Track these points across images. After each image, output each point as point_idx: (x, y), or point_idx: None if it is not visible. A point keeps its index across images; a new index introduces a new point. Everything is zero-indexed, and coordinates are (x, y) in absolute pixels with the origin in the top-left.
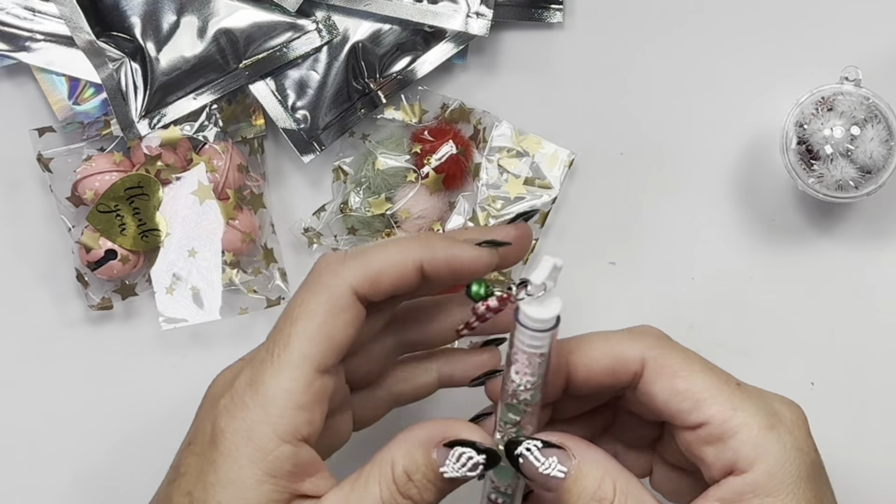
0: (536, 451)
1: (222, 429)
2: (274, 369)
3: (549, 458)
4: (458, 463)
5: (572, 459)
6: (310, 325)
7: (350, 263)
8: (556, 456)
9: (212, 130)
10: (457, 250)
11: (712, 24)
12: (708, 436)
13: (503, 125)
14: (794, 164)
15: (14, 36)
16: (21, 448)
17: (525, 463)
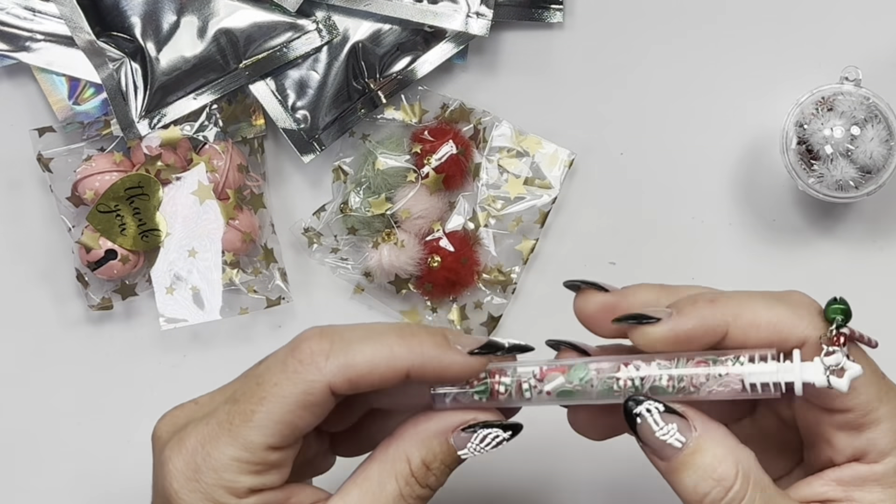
0: (657, 414)
1: (176, 491)
2: (230, 438)
3: (668, 423)
4: (483, 443)
5: (693, 431)
6: (276, 411)
7: (332, 360)
8: (677, 423)
9: (212, 130)
10: (447, 360)
11: (712, 25)
12: (846, 422)
13: (503, 125)
14: (794, 164)
15: (14, 36)
16: (21, 448)
17: (642, 424)
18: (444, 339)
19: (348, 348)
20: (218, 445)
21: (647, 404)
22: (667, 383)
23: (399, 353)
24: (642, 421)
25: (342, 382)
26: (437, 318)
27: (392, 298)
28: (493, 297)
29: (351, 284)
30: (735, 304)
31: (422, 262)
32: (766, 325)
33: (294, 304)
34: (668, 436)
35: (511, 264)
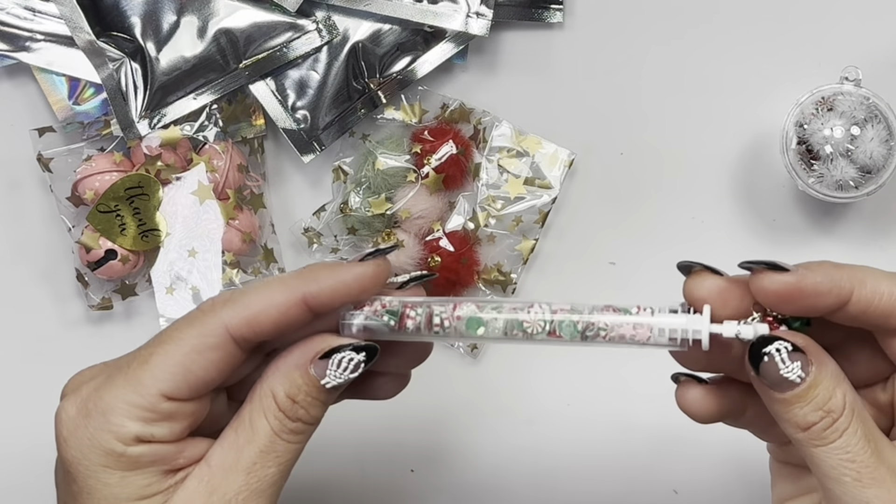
0: (785, 353)
1: (65, 438)
2: (123, 380)
3: (794, 361)
4: (340, 369)
5: (811, 366)
6: (172, 353)
7: (230, 304)
8: (800, 361)
9: (212, 130)
10: (340, 274)
11: (712, 25)
12: None
13: (503, 125)
14: (794, 164)
15: (14, 36)
16: (21, 448)
17: (769, 363)
18: (338, 262)
19: (243, 294)
20: (111, 388)
21: (777, 344)
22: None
23: (292, 284)
24: (769, 359)
25: (239, 324)
26: None
27: None
28: (492, 297)
29: None
30: (859, 270)
31: (422, 262)
32: (888, 294)
33: None
34: (791, 373)
35: (511, 264)
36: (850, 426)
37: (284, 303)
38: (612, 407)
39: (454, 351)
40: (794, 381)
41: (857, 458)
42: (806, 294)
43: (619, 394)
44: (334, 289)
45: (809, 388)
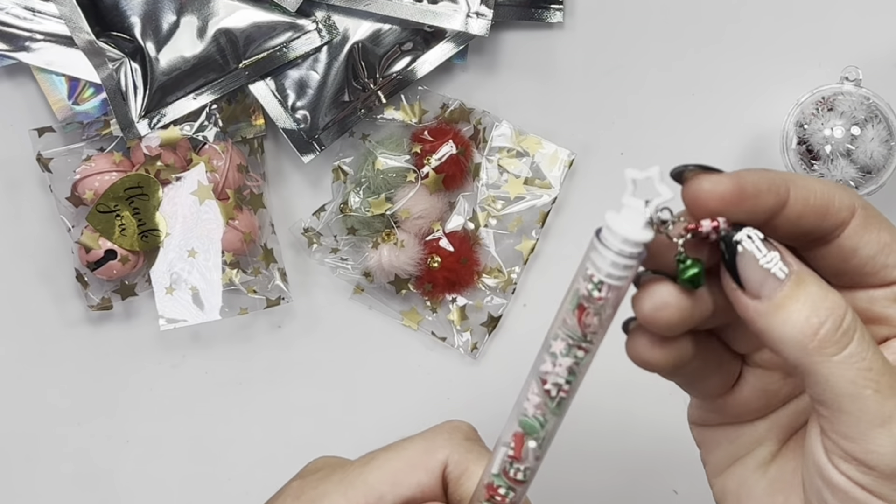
0: (758, 241)
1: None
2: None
3: (771, 251)
4: None
5: (791, 265)
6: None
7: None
8: (777, 251)
9: (212, 130)
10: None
11: (712, 25)
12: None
13: (503, 125)
14: (794, 164)
15: (14, 36)
16: (21, 448)
17: (744, 254)
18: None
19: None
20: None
21: (746, 230)
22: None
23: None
24: (744, 250)
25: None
26: (436, 318)
27: (392, 298)
28: (493, 297)
29: (351, 284)
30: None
31: (422, 262)
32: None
33: (294, 305)
34: (772, 263)
35: (511, 264)
36: (857, 328)
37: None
38: (612, 406)
39: (454, 351)
40: (778, 275)
41: (873, 366)
42: (749, 194)
43: (619, 394)
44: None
45: (798, 283)
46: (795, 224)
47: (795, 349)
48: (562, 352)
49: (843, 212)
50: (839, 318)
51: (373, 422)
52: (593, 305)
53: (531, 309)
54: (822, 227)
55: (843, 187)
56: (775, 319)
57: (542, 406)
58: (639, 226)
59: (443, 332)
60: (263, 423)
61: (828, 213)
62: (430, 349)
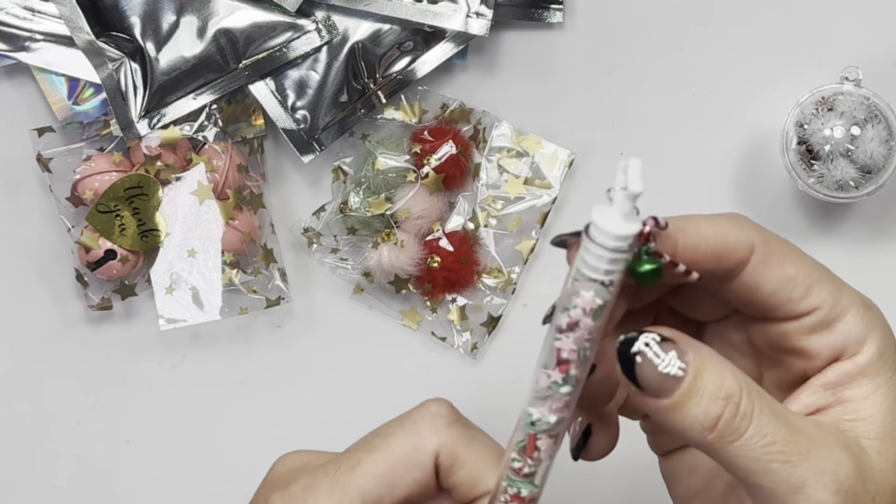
0: (655, 346)
1: None
2: (329, 486)
3: (667, 352)
4: None
5: (687, 354)
6: (381, 462)
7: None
8: (674, 351)
9: (211, 130)
10: None
11: (712, 24)
12: (816, 323)
13: (503, 125)
14: (794, 164)
15: (14, 36)
16: (21, 448)
17: (643, 363)
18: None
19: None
20: (317, 493)
21: (643, 338)
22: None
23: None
24: (643, 359)
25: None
26: (436, 318)
27: (392, 299)
28: (493, 297)
29: (351, 284)
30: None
31: (422, 262)
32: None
33: (294, 305)
34: (670, 367)
35: (511, 264)
36: (755, 406)
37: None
38: None
39: (454, 351)
40: (677, 374)
41: (777, 439)
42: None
43: None
44: None
45: (695, 377)
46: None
47: (699, 439)
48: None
49: (740, 251)
50: (735, 406)
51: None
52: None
53: (531, 309)
54: (719, 269)
55: (741, 224)
56: (676, 415)
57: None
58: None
59: (443, 332)
60: (263, 423)
61: (722, 256)
62: (430, 349)
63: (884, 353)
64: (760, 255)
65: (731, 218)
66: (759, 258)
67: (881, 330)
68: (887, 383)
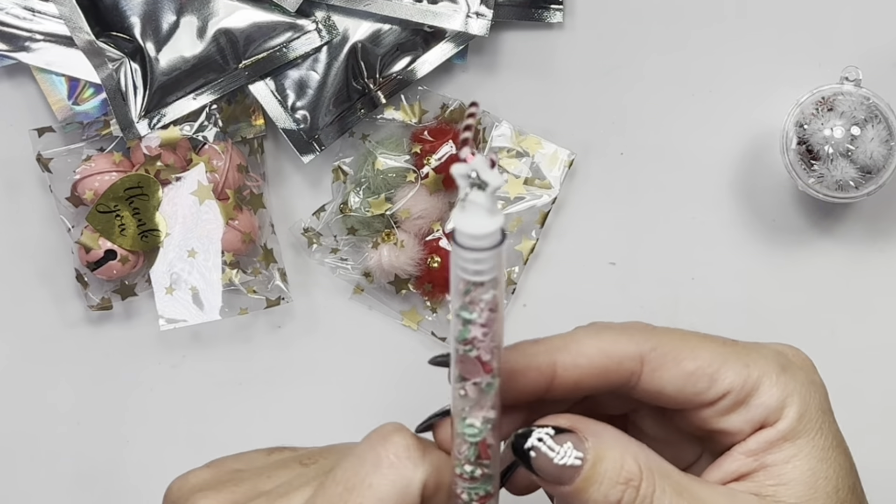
0: (549, 440)
1: None
2: None
3: (563, 444)
4: None
5: (585, 442)
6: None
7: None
8: (570, 441)
9: (211, 130)
10: None
11: (712, 24)
12: (730, 405)
13: (503, 125)
14: (794, 164)
15: (14, 36)
16: (20, 448)
17: (538, 457)
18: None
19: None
20: None
21: (536, 433)
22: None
23: None
24: (537, 454)
25: (431, 485)
26: (436, 318)
27: (392, 299)
28: None
29: (351, 285)
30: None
31: (422, 263)
32: (596, 351)
33: (294, 305)
34: (566, 458)
35: (511, 264)
36: (655, 488)
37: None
38: None
39: None
40: (574, 464)
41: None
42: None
43: None
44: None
45: (594, 465)
46: (577, 388)
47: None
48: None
49: (626, 364)
50: (635, 489)
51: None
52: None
53: (531, 309)
54: (608, 384)
55: (629, 335)
56: (579, 499)
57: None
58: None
59: (443, 332)
60: (263, 423)
61: (607, 371)
62: (430, 349)
63: (804, 413)
64: (653, 364)
65: (620, 330)
66: (652, 367)
67: (799, 391)
68: (809, 444)
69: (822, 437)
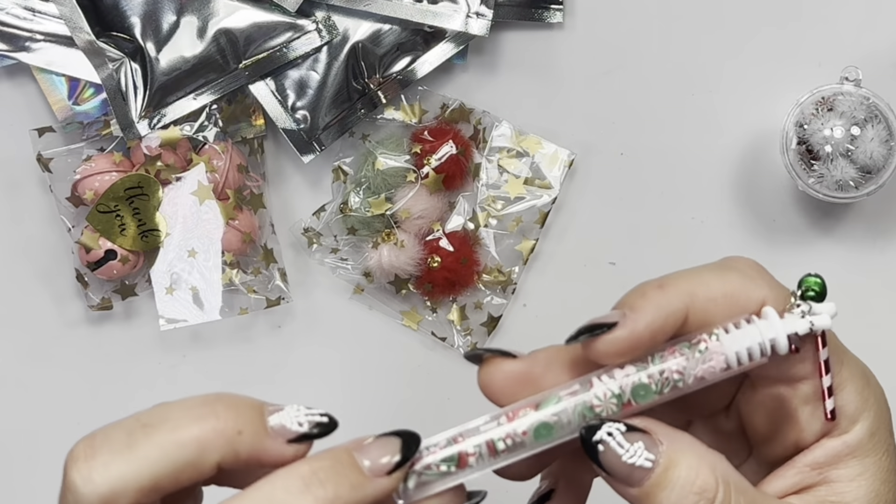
0: (619, 436)
1: None
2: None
3: (634, 443)
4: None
5: (659, 445)
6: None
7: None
8: (642, 441)
9: (212, 130)
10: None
11: (712, 24)
12: (811, 392)
13: (503, 125)
14: (794, 164)
15: (14, 36)
16: (21, 448)
17: (606, 452)
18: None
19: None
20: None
21: (606, 427)
22: (648, 380)
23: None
24: (605, 448)
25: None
26: (437, 318)
27: (392, 298)
28: (493, 297)
29: (351, 284)
30: (685, 282)
31: (422, 262)
32: (722, 296)
33: (294, 305)
34: (636, 457)
35: (511, 264)
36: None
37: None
38: None
39: (454, 351)
40: (645, 465)
41: None
42: (644, 342)
43: None
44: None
45: (666, 469)
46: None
47: None
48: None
49: (752, 307)
50: (710, 501)
51: (373, 422)
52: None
53: (531, 309)
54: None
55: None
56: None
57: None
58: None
59: (443, 332)
60: None
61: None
62: (430, 349)
63: (875, 432)
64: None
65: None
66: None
67: (876, 408)
68: (875, 465)
69: (889, 458)
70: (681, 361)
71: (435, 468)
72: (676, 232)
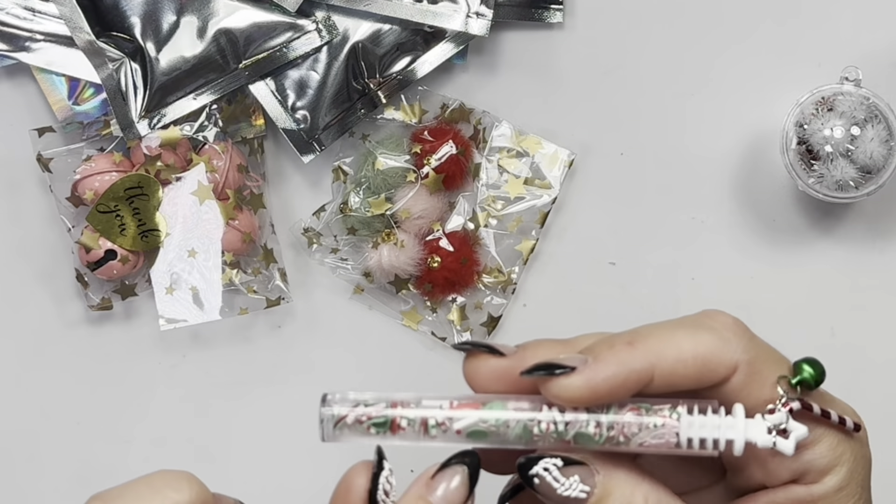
0: (556, 471)
1: None
2: None
3: (569, 477)
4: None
5: (595, 476)
6: None
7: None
8: (578, 474)
9: (212, 130)
10: None
11: (712, 24)
12: None
13: (503, 125)
14: (794, 164)
15: (14, 36)
16: (21, 448)
17: (541, 484)
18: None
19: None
20: None
21: (543, 463)
22: (594, 430)
23: None
24: (541, 481)
25: None
26: (437, 318)
27: (392, 299)
28: (493, 297)
29: (351, 284)
30: (655, 340)
31: (422, 263)
32: (692, 359)
33: (294, 305)
34: (571, 490)
35: (511, 264)
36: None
37: None
38: None
39: (454, 351)
40: (580, 497)
41: None
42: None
43: None
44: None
45: (600, 499)
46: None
47: None
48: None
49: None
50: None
51: None
52: None
53: (531, 309)
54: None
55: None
56: None
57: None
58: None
59: (443, 332)
60: (263, 423)
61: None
62: (430, 349)
63: (844, 487)
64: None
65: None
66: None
67: (851, 463)
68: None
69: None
70: (633, 426)
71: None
72: (676, 232)
